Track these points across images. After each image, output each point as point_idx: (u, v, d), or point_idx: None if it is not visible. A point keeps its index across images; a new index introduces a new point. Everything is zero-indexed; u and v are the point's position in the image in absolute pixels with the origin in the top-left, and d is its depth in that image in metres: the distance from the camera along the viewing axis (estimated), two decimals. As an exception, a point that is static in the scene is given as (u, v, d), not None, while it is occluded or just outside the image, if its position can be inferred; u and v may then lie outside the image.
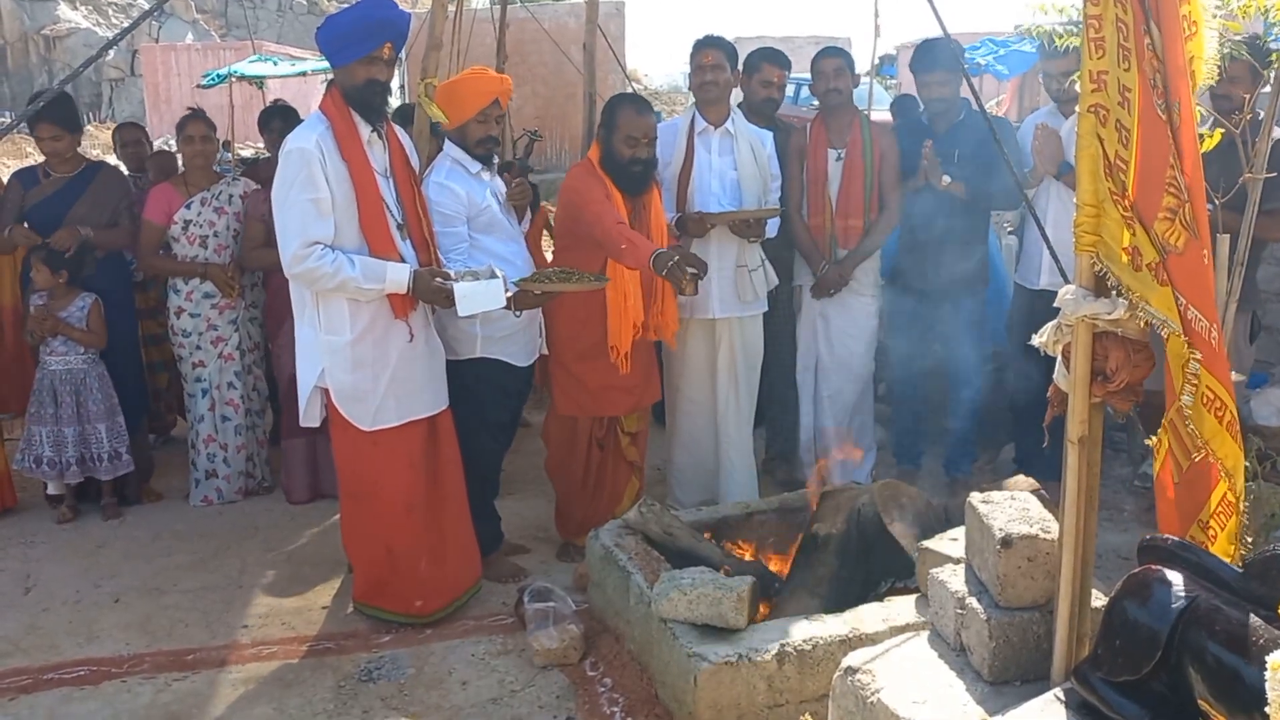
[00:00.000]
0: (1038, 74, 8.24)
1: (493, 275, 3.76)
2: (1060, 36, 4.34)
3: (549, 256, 5.02)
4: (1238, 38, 3.62)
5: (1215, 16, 2.01)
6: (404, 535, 3.85)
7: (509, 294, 3.78)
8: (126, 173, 6.28)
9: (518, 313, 3.93)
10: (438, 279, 3.69)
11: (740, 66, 4.93)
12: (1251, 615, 1.98)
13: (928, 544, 3.19)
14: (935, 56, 4.87)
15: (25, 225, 5.03)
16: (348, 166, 3.61)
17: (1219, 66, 2.69)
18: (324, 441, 5.02)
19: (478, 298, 3.68)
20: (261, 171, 5.76)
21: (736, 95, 5.05)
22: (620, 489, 4.57)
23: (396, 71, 3.85)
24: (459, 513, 4.02)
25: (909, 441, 5.35)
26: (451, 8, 6.08)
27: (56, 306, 4.91)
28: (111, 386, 5.04)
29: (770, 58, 5.12)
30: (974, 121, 4.92)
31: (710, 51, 4.66)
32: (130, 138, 6.42)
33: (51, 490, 5.05)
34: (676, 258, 3.85)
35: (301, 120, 4.02)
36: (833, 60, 4.88)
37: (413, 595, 3.91)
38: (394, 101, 3.95)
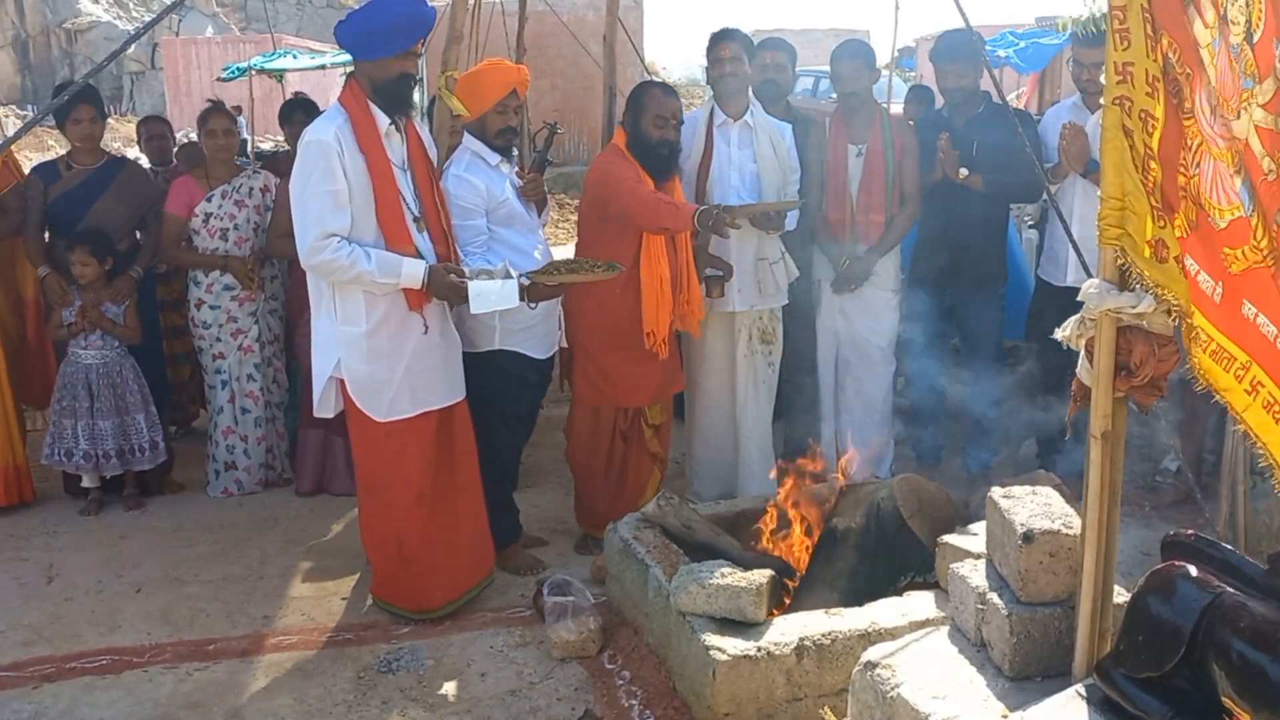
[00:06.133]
0: (1062, 63, 8.18)
1: (508, 275, 3.76)
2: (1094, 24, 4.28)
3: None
4: None
5: None
6: (414, 526, 3.85)
7: (524, 285, 3.78)
8: (149, 166, 6.33)
9: (533, 305, 3.94)
10: (452, 275, 3.70)
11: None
12: (1277, 611, 1.97)
13: (948, 539, 3.18)
14: (956, 46, 4.84)
15: (47, 228, 5.13)
16: (365, 159, 3.61)
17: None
18: (335, 438, 5.08)
19: (491, 296, 3.68)
20: (281, 164, 5.79)
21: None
22: (643, 481, 4.56)
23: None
24: (473, 504, 4.03)
25: (929, 436, 5.32)
26: (471, 1, 6.08)
27: (99, 299, 4.95)
28: (143, 377, 5.09)
29: (766, 44, 5.12)
30: (994, 114, 4.89)
31: (727, 44, 4.65)
32: (155, 131, 6.45)
33: (86, 483, 5.08)
34: (719, 209, 3.95)
35: (322, 113, 4.03)
36: (850, 62, 4.84)
37: (424, 588, 3.92)
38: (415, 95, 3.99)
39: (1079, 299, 2.38)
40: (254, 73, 12.34)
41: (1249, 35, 1.91)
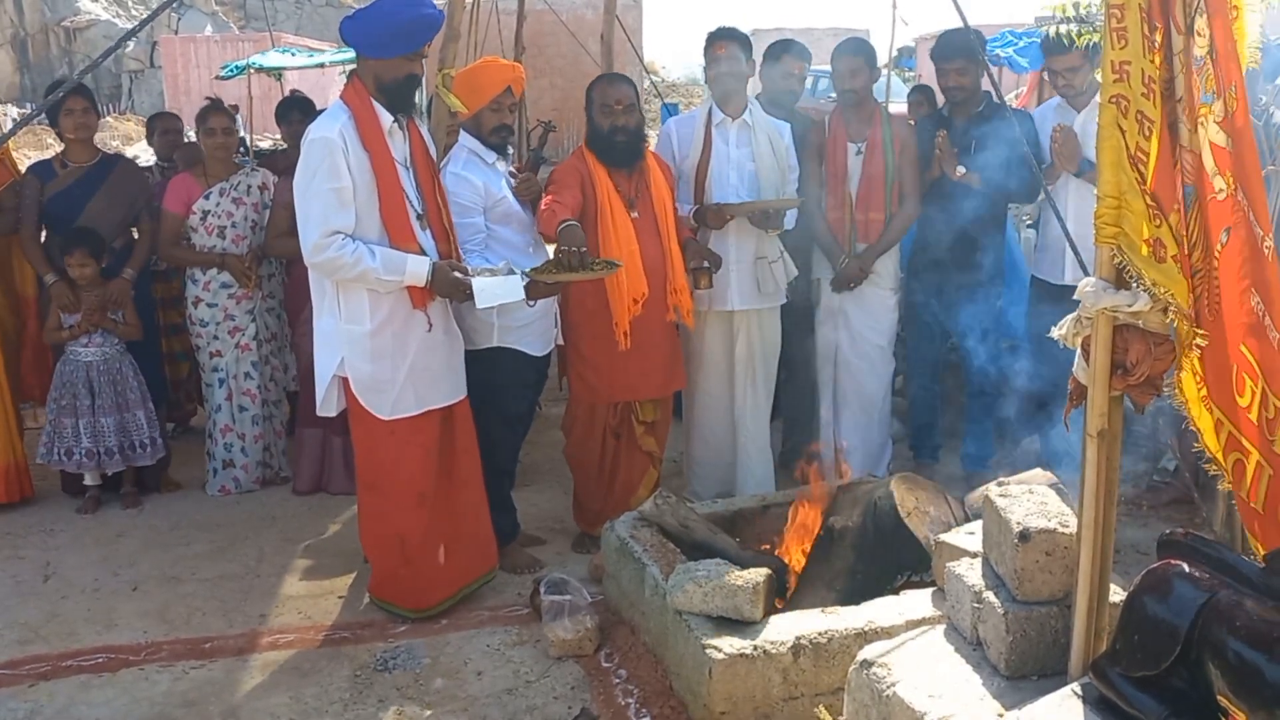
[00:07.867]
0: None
1: (510, 272, 3.78)
2: (1066, 35, 4.31)
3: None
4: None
5: None
6: (416, 524, 3.86)
7: (524, 282, 3.79)
8: (156, 161, 6.34)
9: (531, 302, 3.94)
10: (456, 272, 3.70)
11: (760, 56, 4.92)
12: (1274, 611, 1.96)
13: (944, 537, 3.18)
14: (956, 45, 4.83)
15: (44, 226, 5.13)
16: (369, 156, 3.61)
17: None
18: (334, 437, 5.07)
19: (495, 291, 3.70)
20: (279, 163, 5.79)
21: (754, 87, 5.03)
22: (635, 480, 4.55)
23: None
24: (475, 501, 4.03)
25: (926, 434, 5.32)
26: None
27: (98, 298, 4.94)
28: (141, 374, 5.09)
29: (791, 49, 5.11)
30: (993, 113, 4.89)
31: (724, 43, 4.65)
32: (170, 126, 6.49)
33: (88, 480, 5.07)
34: (577, 247, 3.82)
35: (319, 111, 4.02)
36: (851, 60, 4.85)
37: (424, 587, 3.92)
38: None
39: (1075, 297, 2.38)
40: (253, 71, 12.32)
41: (1211, 50, 1.91)
